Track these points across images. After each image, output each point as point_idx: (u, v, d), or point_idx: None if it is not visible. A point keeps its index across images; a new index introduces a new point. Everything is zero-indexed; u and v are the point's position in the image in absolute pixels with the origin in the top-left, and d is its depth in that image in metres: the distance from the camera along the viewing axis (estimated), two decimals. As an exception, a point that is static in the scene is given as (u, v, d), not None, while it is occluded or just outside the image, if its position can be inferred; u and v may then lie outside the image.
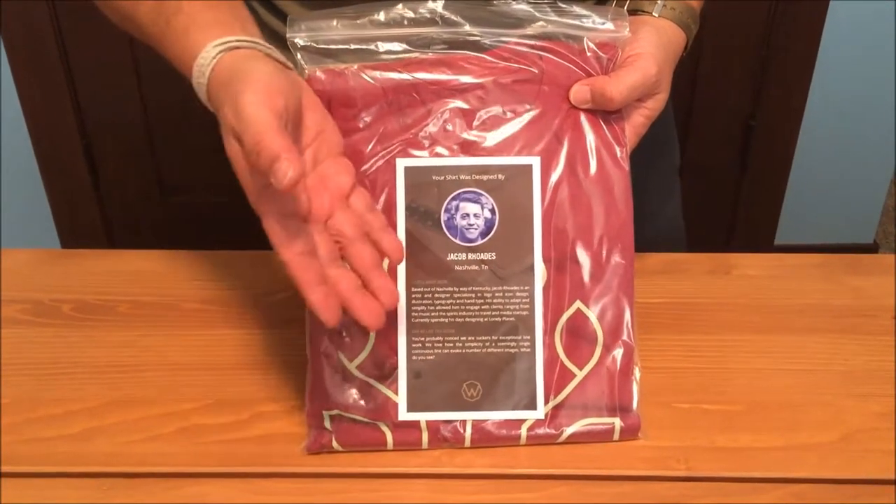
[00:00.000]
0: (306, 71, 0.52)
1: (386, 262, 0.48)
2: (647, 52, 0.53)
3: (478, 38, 0.52)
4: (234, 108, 0.42)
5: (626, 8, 0.56)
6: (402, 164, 0.52)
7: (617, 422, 0.52)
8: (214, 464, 0.52)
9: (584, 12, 0.53)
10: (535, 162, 0.53)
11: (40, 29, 1.33)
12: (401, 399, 0.52)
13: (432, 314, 0.52)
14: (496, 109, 0.53)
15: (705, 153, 1.48)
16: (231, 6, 0.50)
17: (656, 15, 0.56)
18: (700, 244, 0.77)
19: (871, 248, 1.63)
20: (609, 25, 0.53)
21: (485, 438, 0.52)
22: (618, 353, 0.53)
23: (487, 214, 0.52)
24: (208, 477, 0.51)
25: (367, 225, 0.46)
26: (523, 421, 0.52)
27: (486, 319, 0.52)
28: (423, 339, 0.52)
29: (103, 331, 0.61)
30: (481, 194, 0.52)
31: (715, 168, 1.51)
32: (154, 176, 1.48)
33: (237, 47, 0.46)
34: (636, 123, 0.55)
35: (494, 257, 0.52)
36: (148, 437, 0.53)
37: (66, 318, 0.63)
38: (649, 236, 0.60)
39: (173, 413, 0.55)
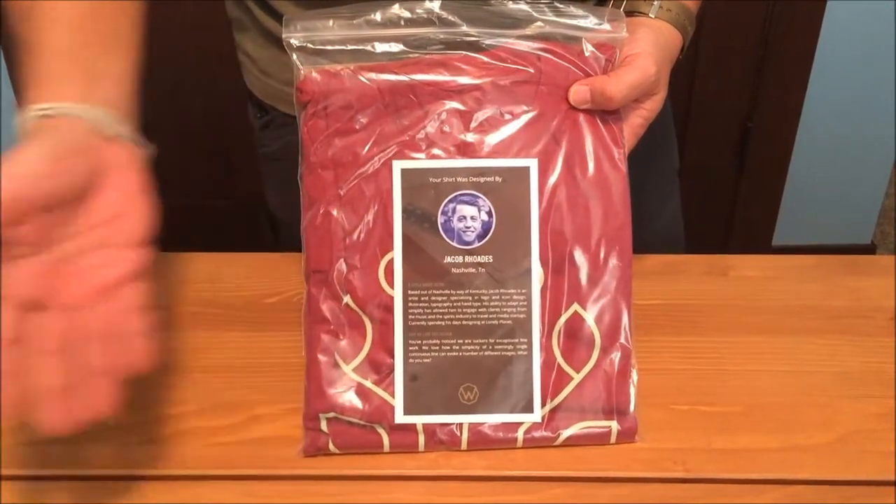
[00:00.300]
0: (302, 71, 0.52)
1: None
2: (646, 51, 0.53)
3: (475, 39, 0.52)
4: None
5: (622, 9, 0.56)
6: (398, 166, 0.52)
7: (614, 425, 0.52)
8: (210, 467, 0.52)
9: (582, 13, 0.53)
10: (532, 164, 0.53)
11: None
12: (397, 402, 0.52)
13: (429, 317, 0.52)
14: (493, 111, 0.53)
15: (703, 154, 1.49)
16: (89, 61, 0.46)
17: (653, 16, 0.57)
18: (698, 245, 0.77)
19: (869, 249, 1.64)
20: (606, 26, 0.53)
21: (481, 441, 0.52)
22: (615, 356, 0.53)
23: (485, 217, 0.52)
24: (204, 480, 0.51)
25: (119, 326, 0.42)
26: (520, 424, 0.52)
27: (483, 322, 0.52)
28: (419, 341, 0.52)
29: (99, 334, 0.61)
30: (478, 196, 0.52)
31: (712, 169, 1.51)
32: (149, 178, 1.47)
33: (55, 116, 0.43)
34: (634, 125, 0.55)
35: (491, 260, 0.52)
36: (143, 440, 0.53)
37: (62, 322, 0.63)
38: (648, 237, 0.60)
39: (169, 416, 0.55)
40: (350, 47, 0.52)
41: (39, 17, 0.47)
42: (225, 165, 1.49)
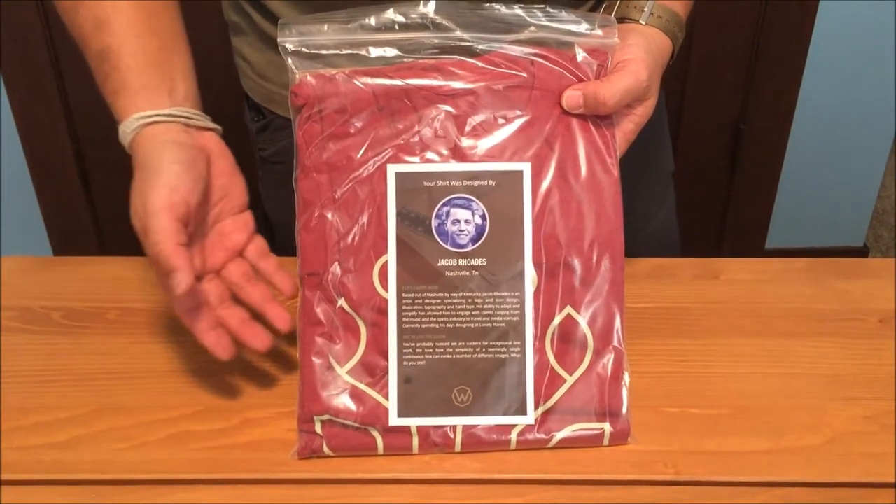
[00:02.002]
0: (297, 75, 0.53)
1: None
2: (638, 57, 0.54)
3: (469, 44, 0.53)
4: (144, 206, 0.50)
5: (613, 15, 0.57)
6: (392, 169, 0.52)
7: (607, 427, 0.53)
8: (203, 470, 0.52)
9: (574, 18, 0.53)
10: (525, 168, 0.53)
11: (31, 35, 1.33)
12: (391, 404, 0.52)
13: (423, 320, 0.52)
14: (487, 115, 0.53)
15: (695, 157, 1.49)
16: (163, 64, 0.54)
17: (643, 23, 0.57)
18: (690, 248, 0.77)
19: (862, 252, 1.64)
20: (598, 32, 0.53)
21: (475, 443, 0.52)
22: (608, 358, 0.53)
23: (478, 220, 0.53)
24: (197, 484, 0.51)
25: (260, 270, 0.55)
26: (513, 426, 0.52)
27: (476, 325, 0.52)
28: (413, 344, 0.52)
29: (92, 338, 0.61)
30: (472, 200, 0.53)
31: (705, 172, 1.52)
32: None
33: (156, 122, 0.52)
34: (626, 130, 0.56)
35: (485, 263, 0.52)
36: (136, 445, 0.53)
37: (56, 326, 0.62)
38: (642, 240, 0.60)
39: (162, 420, 0.55)
40: (345, 51, 0.52)
41: (109, 27, 0.53)
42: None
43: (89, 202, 1.50)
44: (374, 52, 0.52)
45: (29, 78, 1.37)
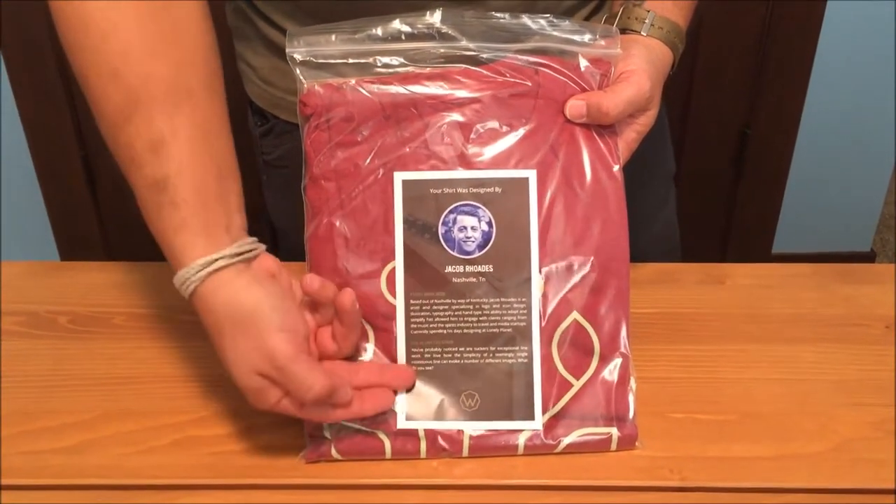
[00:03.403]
0: (305, 85, 0.53)
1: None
2: (641, 68, 0.54)
3: (474, 53, 0.53)
4: (272, 362, 0.47)
5: (615, 26, 0.57)
6: (399, 177, 0.53)
7: (614, 431, 0.53)
8: (210, 475, 0.52)
9: (578, 28, 0.53)
10: (531, 175, 0.53)
11: (38, 40, 1.34)
12: (399, 408, 0.52)
13: (431, 325, 0.52)
14: (493, 123, 0.53)
15: (701, 162, 1.49)
16: (222, 196, 0.49)
17: (645, 34, 0.57)
18: (696, 253, 0.77)
19: (869, 257, 1.64)
20: (601, 42, 0.54)
21: (482, 448, 0.52)
22: (614, 363, 0.53)
23: (485, 227, 0.53)
24: (204, 489, 0.51)
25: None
26: (521, 431, 0.52)
27: (483, 330, 0.53)
28: (421, 349, 0.52)
29: (99, 343, 0.62)
30: (478, 207, 0.53)
31: (711, 177, 1.52)
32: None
33: (221, 268, 0.48)
34: (628, 139, 0.56)
35: (492, 269, 0.53)
36: (143, 450, 0.53)
37: (62, 330, 0.63)
38: (644, 243, 0.61)
39: (168, 425, 0.55)
40: (352, 61, 0.53)
41: (167, 151, 0.47)
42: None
43: (96, 208, 1.51)
44: (381, 61, 0.53)
45: (37, 84, 1.38)
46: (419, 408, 0.52)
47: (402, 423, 0.52)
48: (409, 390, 0.52)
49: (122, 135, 0.48)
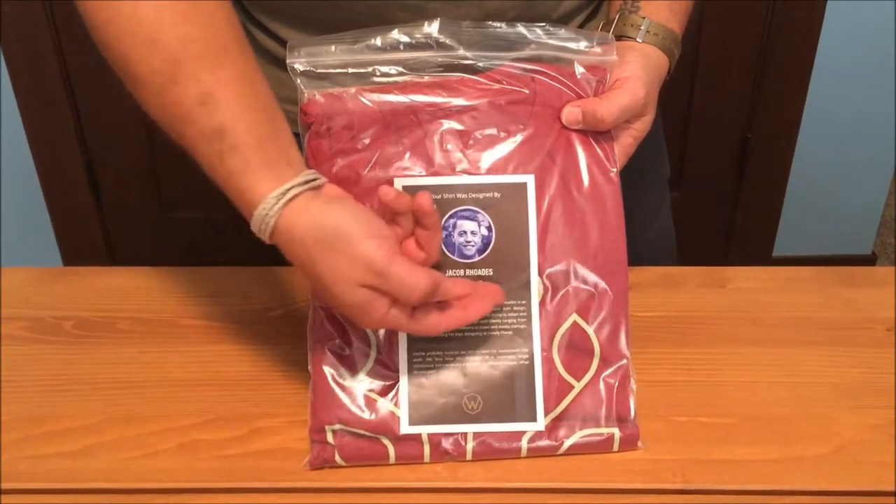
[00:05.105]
0: (306, 94, 0.53)
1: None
2: (636, 74, 0.55)
3: (472, 62, 0.54)
4: (371, 269, 0.47)
5: (611, 33, 0.58)
6: (399, 183, 0.53)
7: (616, 432, 0.53)
8: (214, 479, 0.52)
9: (573, 35, 0.54)
10: (529, 180, 0.54)
11: (41, 45, 1.34)
12: (402, 413, 0.52)
13: (431, 330, 0.53)
14: (491, 130, 0.54)
15: (702, 166, 1.49)
16: (276, 135, 0.50)
17: (640, 41, 0.58)
18: (698, 257, 0.77)
19: (870, 259, 1.64)
20: (597, 49, 0.54)
21: (486, 451, 0.52)
22: (614, 365, 0.54)
23: (484, 231, 0.53)
24: (208, 493, 0.52)
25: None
26: (524, 433, 0.52)
27: (485, 334, 0.53)
28: (423, 353, 0.53)
29: (103, 347, 0.62)
30: (478, 212, 0.53)
31: (712, 181, 1.52)
32: (155, 192, 1.48)
33: (294, 196, 0.48)
34: (625, 144, 0.57)
35: (492, 273, 0.53)
36: (148, 454, 0.53)
37: (67, 336, 0.63)
38: (640, 247, 0.61)
39: (173, 429, 0.55)
40: (351, 71, 0.53)
41: (217, 102, 0.49)
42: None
43: (99, 213, 1.51)
44: (381, 70, 0.53)
45: (39, 89, 1.38)
46: (422, 412, 0.52)
47: (405, 429, 0.52)
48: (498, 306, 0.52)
49: (168, 95, 0.49)
